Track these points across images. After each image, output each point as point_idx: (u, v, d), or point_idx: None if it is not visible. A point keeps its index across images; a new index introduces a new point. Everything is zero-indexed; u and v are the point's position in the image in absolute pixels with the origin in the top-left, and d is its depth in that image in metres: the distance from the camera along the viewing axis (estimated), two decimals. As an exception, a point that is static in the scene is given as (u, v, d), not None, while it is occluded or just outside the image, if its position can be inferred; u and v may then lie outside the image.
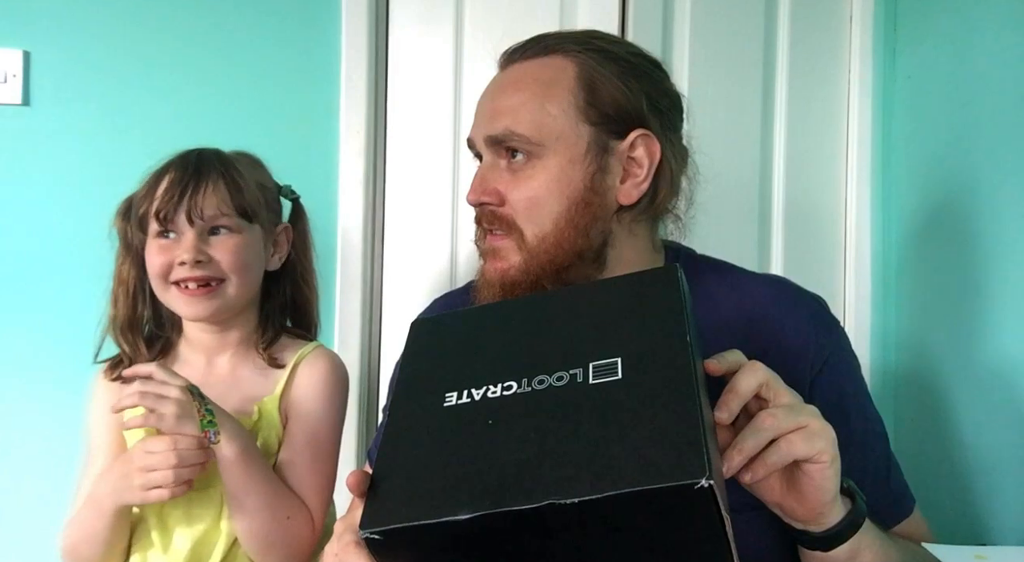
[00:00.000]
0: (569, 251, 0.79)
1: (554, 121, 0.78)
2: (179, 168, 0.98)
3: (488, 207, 0.82)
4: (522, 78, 0.82)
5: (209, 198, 0.96)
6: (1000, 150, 1.19)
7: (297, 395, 1.02)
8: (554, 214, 0.79)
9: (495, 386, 0.58)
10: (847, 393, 0.81)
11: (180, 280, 0.96)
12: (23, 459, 1.44)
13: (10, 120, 1.45)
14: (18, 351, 1.45)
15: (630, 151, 0.80)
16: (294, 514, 0.96)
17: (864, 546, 0.67)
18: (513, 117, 0.79)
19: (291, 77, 1.51)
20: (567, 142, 0.79)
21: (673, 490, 0.46)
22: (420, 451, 0.56)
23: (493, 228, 0.82)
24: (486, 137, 0.82)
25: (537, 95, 0.79)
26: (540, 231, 0.79)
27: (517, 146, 0.79)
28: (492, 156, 0.82)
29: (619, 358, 0.56)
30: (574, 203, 0.79)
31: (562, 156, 0.79)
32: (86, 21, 1.46)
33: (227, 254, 0.97)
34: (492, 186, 0.81)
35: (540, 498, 0.48)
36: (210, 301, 0.97)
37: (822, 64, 1.60)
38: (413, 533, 0.51)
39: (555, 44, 0.82)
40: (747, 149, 1.57)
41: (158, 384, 0.88)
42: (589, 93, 0.79)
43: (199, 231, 0.96)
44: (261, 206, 1.03)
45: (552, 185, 0.79)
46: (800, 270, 1.54)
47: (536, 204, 0.79)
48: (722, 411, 0.59)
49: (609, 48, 0.82)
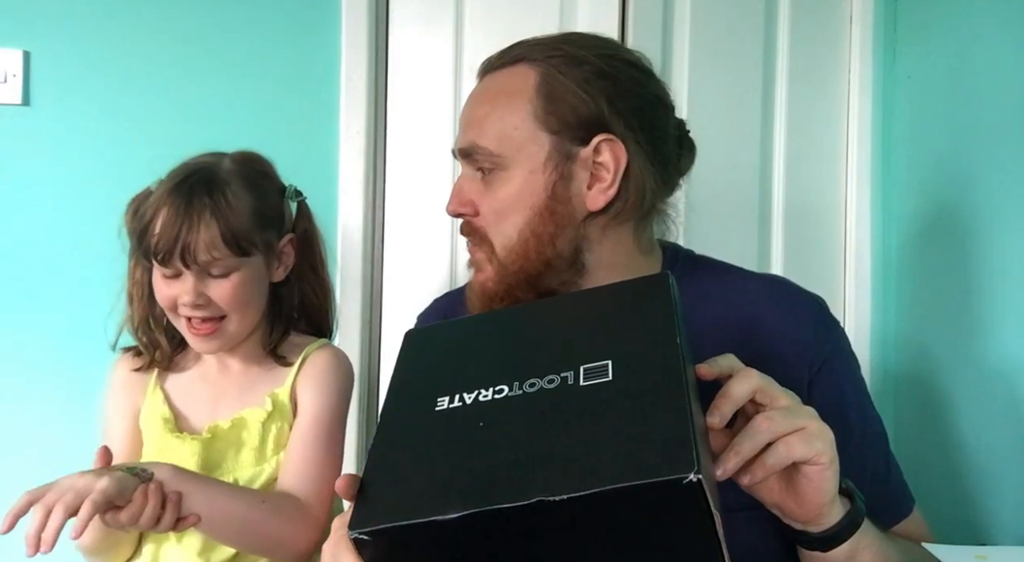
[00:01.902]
0: (536, 260, 0.79)
1: (515, 132, 0.79)
2: (173, 203, 0.96)
3: (464, 218, 0.84)
4: (489, 90, 0.83)
5: (201, 240, 0.94)
6: (1000, 150, 1.19)
7: (304, 386, 1.04)
8: (518, 225, 0.79)
9: (487, 390, 0.58)
10: (846, 393, 0.81)
11: (186, 317, 0.98)
12: (23, 459, 1.44)
13: (10, 120, 1.46)
14: (18, 351, 1.45)
15: (595, 156, 0.79)
16: (269, 499, 0.95)
17: (863, 546, 0.67)
18: (478, 130, 0.81)
19: (291, 77, 1.51)
20: (527, 152, 0.79)
21: (661, 485, 0.46)
22: (410, 453, 0.56)
23: (470, 239, 0.84)
24: (456, 150, 0.84)
25: (499, 107, 0.80)
26: (507, 242, 0.80)
27: (482, 159, 0.80)
28: (468, 167, 0.84)
29: (609, 360, 0.56)
30: (536, 213, 0.79)
31: (524, 167, 0.79)
32: (86, 21, 1.47)
33: (224, 295, 0.97)
34: (467, 197, 0.83)
35: (529, 495, 0.48)
36: (213, 340, 0.99)
37: (822, 64, 1.60)
38: (402, 533, 0.50)
39: (523, 53, 0.82)
40: (747, 149, 1.57)
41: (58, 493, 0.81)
42: (547, 102, 0.78)
43: (196, 273, 0.96)
44: (257, 233, 1.00)
45: (515, 196, 0.79)
46: (800, 270, 1.54)
47: (502, 215, 0.80)
48: (714, 416, 0.59)
49: (576, 52, 0.80)
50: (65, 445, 1.35)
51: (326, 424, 1.03)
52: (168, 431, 1.01)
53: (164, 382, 1.05)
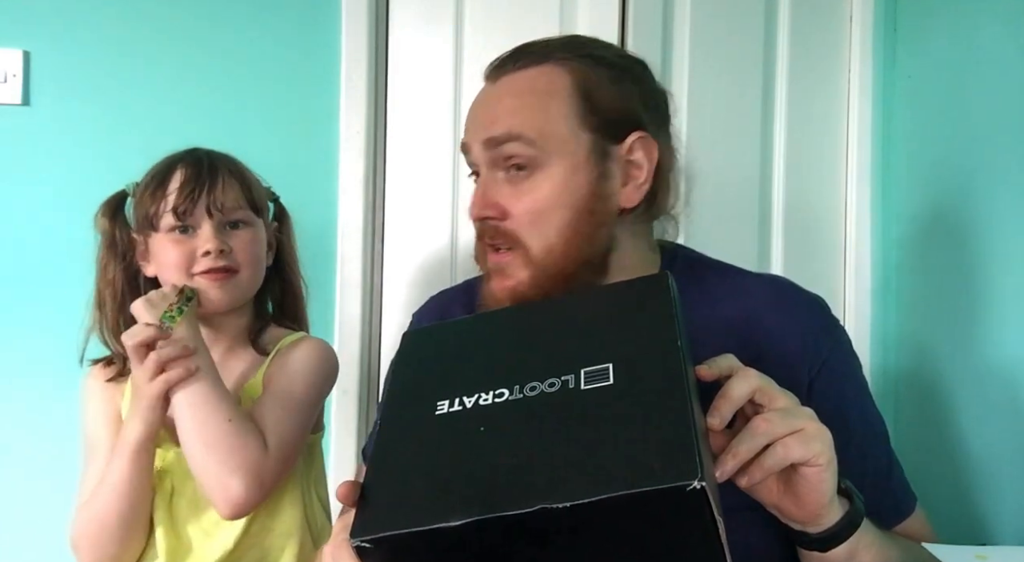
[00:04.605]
0: (576, 260, 0.78)
1: (555, 128, 0.78)
2: (191, 165, 1.00)
3: (491, 222, 0.80)
4: (517, 88, 0.80)
5: (227, 192, 0.99)
6: (1000, 150, 1.19)
7: (274, 366, 1.03)
8: (560, 225, 0.77)
9: (487, 394, 0.57)
10: (847, 393, 0.81)
11: (204, 270, 0.98)
12: (23, 459, 1.44)
13: (10, 120, 1.45)
14: (18, 351, 1.45)
15: (629, 154, 0.79)
16: (237, 420, 0.93)
17: (862, 546, 0.67)
18: (515, 119, 0.78)
19: (291, 77, 1.51)
20: (568, 149, 0.78)
21: (665, 492, 0.46)
22: (411, 459, 0.56)
23: (497, 243, 0.80)
24: (486, 139, 0.79)
25: (536, 104, 0.78)
26: (546, 243, 0.78)
27: (518, 151, 0.78)
28: (490, 170, 0.80)
29: (610, 364, 0.56)
30: (579, 211, 0.77)
31: (565, 164, 0.77)
32: (86, 21, 1.46)
33: (243, 246, 1.00)
34: (493, 200, 0.79)
35: (532, 503, 0.47)
36: (230, 287, 1.00)
37: (822, 64, 1.60)
38: (404, 540, 0.50)
39: (544, 53, 0.81)
40: (747, 149, 1.57)
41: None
42: (586, 100, 0.78)
43: (218, 224, 0.98)
44: (264, 202, 1.06)
45: (556, 195, 0.77)
46: (800, 270, 1.54)
47: (541, 216, 0.78)
48: (714, 417, 0.59)
49: (597, 53, 0.82)
50: (64, 445, 1.35)
51: (298, 394, 1.01)
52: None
53: None
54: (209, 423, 0.92)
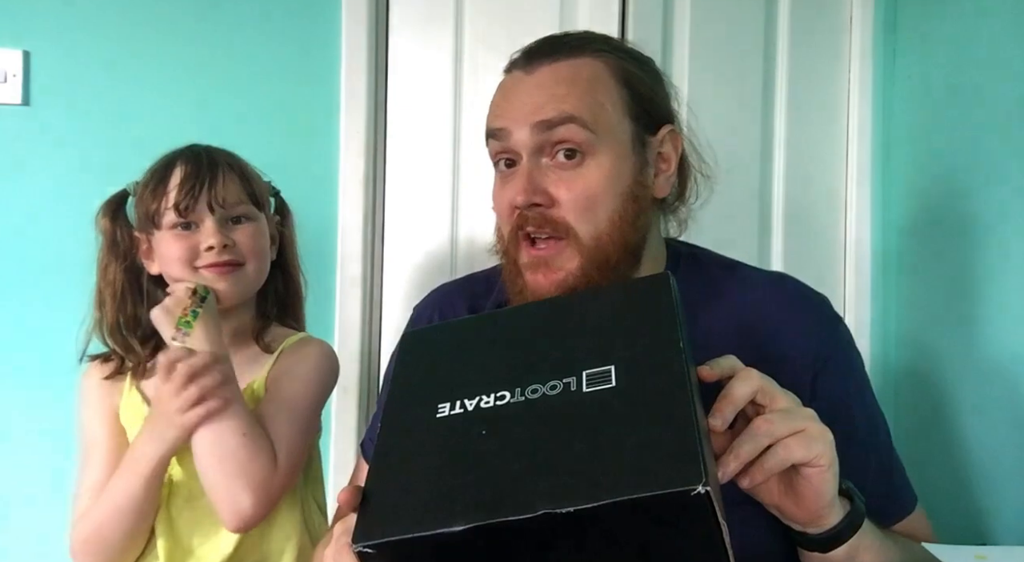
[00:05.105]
0: (622, 248, 0.78)
1: (606, 114, 0.78)
2: (191, 161, 1.00)
3: (537, 209, 0.78)
4: (563, 76, 0.79)
5: (228, 187, 0.99)
6: (999, 149, 1.19)
7: (280, 370, 1.03)
8: (609, 211, 0.77)
9: (488, 396, 0.57)
10: (849, 392, 0.81)
11: (208, 265, 0.98)
12: (23, 459, 1.44)
13: (10, 120, 1.45)
14: (18, 351, 1.45)
15: (660, 146, 0.82)
16: (251, 434, 0.93)
17: (863, 547, 0.67)
18: (567, 103, 0.77)
19: (291, 77, 1.50)
20: (617, 137, 0.78)
21: (669, 497, 0.46)
22: (413, 462, 0.55)
23: (543, 233, 0.78)
24: (537, 121, 0.77)
25: (587, 89, 0.78)
26: (596, 230, 0.77)
27: (573, 135, 0.76)
28: (534, 157, 0.78)
29: (612, 366, 0.56)
30: (626, 198, 0.78)
31: (614, 151, 0.78)
32: (86, 21, 1.46)
33: (247, 239, 1.00)
34: (542, 186, 0.77)
35: (536, 508, 0.47)
36: (236, 280, 1.00)
37: (822, 64, 1.60)
38: (407, 546, 0.50)
39: (580, 45, 0.81)
40: (747, 148, 1.57)
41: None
42: (628, 89, 0.80)
43: (219, 219, 0.99)
44: (266, 196, 1.07)
45: (607, 181, 0.77)
46: (800, 269, 1.52)
47: (593, 203, 0.77)
48: (716, 418, 0.59)
49: (624, 47, 0.85)
50: (63, 445, 1.35)
51: (302, 401, 1.01)
52: None
53: (139, 384, 1.03)
54: (224, 437, 0.92)
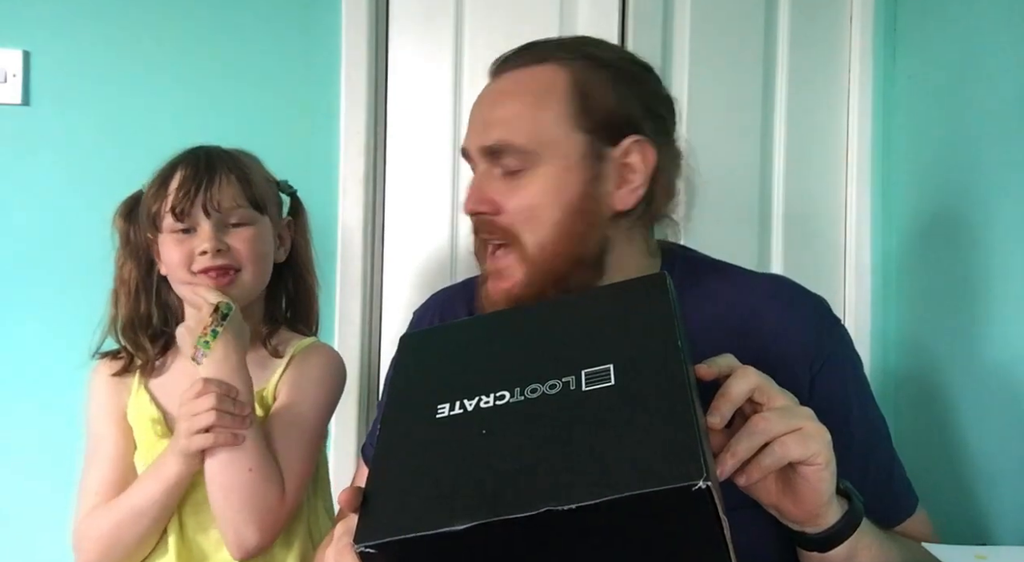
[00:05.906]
0: (568, 259, 0.79)
1: (547, 129, 0.78)
2: (190, 164, 1.00)
3: (485, 216, 0.82)
4: (514, 87, 0.82)
5: (224, 191, 0.99)
6: (1000, 150, 1.19)
7: (289, 380, 1.03)
8: (552, 222, 0.78)
9: (488, 396, 0.57)
10: (848, 393, 0.81)
11: (202, 269, 0.98)
12: (23, 459, 1.44)
13: (10, 120, 1.45)
14: (18, 351, 1.45)
15: (624, 157, 0.80)
16: (258, 469, 0.93)
17: (862, 547, 0.67)
18: (506, 127, 0.79)
19: (291, 77, 1.51)
20: (561, 150, 0.78)
21: (670, 493, 0.46)
22: (413, 463, 0.56)
23: (491, 238, 0.82)
24: (479, 148, 0.81)
25: (530, 104, 0.79)
26: (539, 240, 0.79)
27: (511, 158, 0.79)
28: (486, 165, 0.82)
29: (611, 364, 0.56)
30: (571, 210, 0.78)
31: (557, 164, 0.78)
32: (86, 21, 1.46)
33: (243, 244, 1.00)
34: (487, 195, 0.81)
35: (537, 505, 0.47)
36: (231, 289, 0.99)
37: (822, 64, 1.60)
38: (409, 545, 0.50)
39: (547, 52, 0.81)
40: (747, 150, 1.57)
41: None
42: (582, 100, 0.79)
43: (216, 223, 0.99)
44: (269, 198, 1.06)
45: (548, 193, 0.78)
46: (800, 270, 1.53)
47: (534, 213, 0.79)
48: (714, 416, 0.59)
49: (601, 54, 0.82)
50: (64, 445, 1.36)
51: (310, 414, 1.02)
52: (157, 433, 1.00)
53: (148, 383, 1.04)
54: (230, 471, 0.92)
